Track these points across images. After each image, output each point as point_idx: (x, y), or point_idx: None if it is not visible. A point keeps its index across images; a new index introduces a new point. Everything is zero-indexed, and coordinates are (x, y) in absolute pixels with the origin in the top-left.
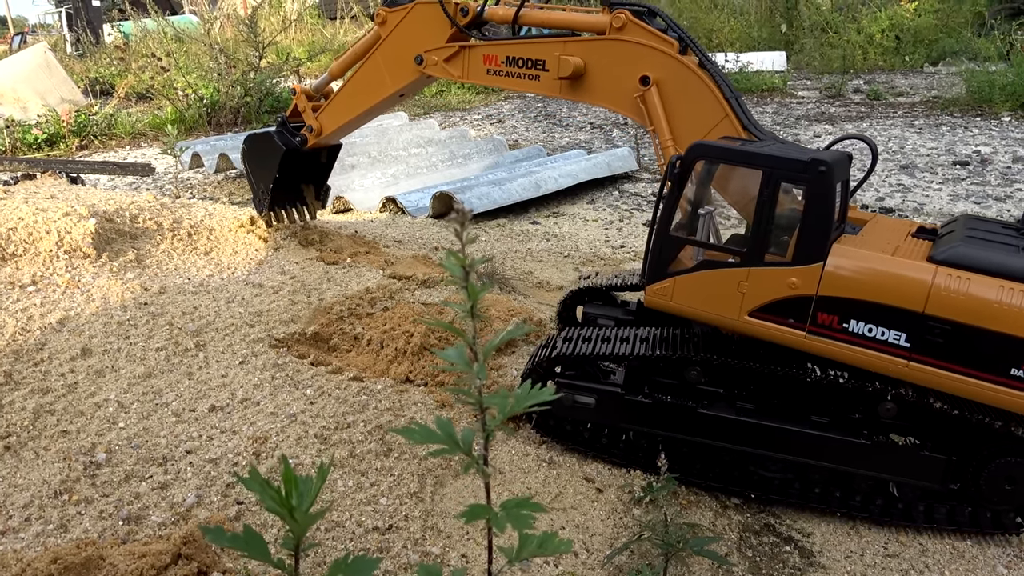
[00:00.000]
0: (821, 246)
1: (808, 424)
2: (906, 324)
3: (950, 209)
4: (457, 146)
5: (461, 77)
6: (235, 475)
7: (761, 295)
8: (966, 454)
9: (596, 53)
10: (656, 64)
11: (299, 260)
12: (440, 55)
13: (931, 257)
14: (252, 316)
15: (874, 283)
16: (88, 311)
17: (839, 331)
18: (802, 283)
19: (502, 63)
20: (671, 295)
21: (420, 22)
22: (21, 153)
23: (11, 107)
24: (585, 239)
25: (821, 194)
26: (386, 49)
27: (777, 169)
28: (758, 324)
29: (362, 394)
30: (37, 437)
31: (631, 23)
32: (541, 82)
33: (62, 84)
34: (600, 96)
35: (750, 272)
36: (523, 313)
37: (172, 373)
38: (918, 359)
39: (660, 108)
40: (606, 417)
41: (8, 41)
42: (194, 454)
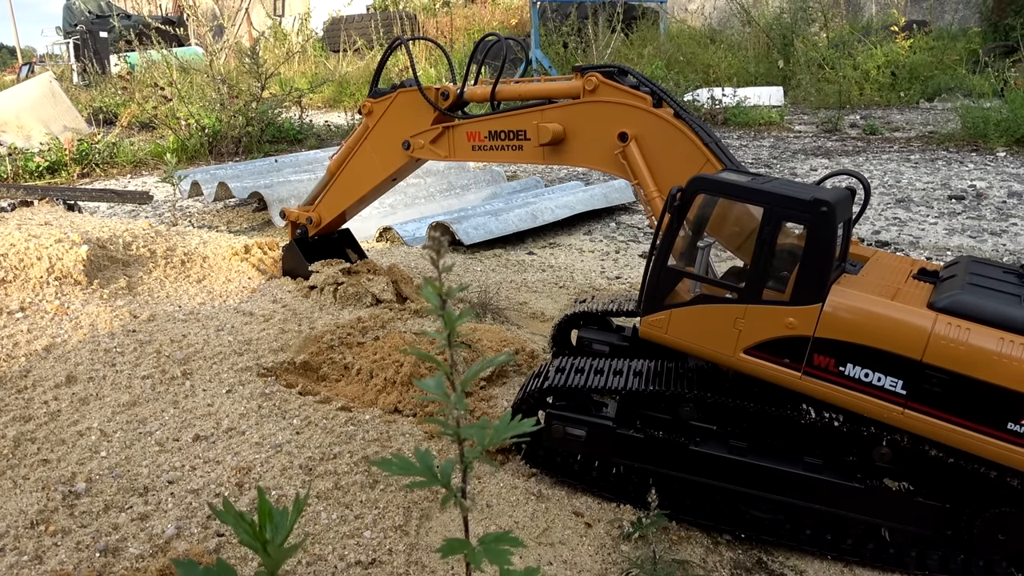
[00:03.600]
0: (820, 286)
1: (801, 465)
2: (903, 371)
3: (946, 243)
4: (455, 176)
5: (448, 157)
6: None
7: (757, 333)
8: (960, 502)
9: (573, 117)
10: (632, 120)
11: (291, 289)
12: (426, 138)
13: (931, 304)
14: (241, 344)
15: (872, 328)
16: (75, 338)
17: (835, 374)
18: (799, 323)
19: (485, 138)
20: (666, 327)
21: (404, 109)
22: (22, 180)
23: (14, 135)
24: (581, 270)
25: (822, 234)
26: (374, 138)
27: (779, 207)
28: (753, 362)
29: (349, 424)
30: (16, 466)
31: (602, 84)
32: (524, 151)
33: (66, 113)
34: (581, 158)
35: (747, 309)
36: (515, 344)
37: (157, 402)
38: (914, 407)
39: (641, 161)
40: (597, 450)
41: (16, 71)
42: (176, 484)
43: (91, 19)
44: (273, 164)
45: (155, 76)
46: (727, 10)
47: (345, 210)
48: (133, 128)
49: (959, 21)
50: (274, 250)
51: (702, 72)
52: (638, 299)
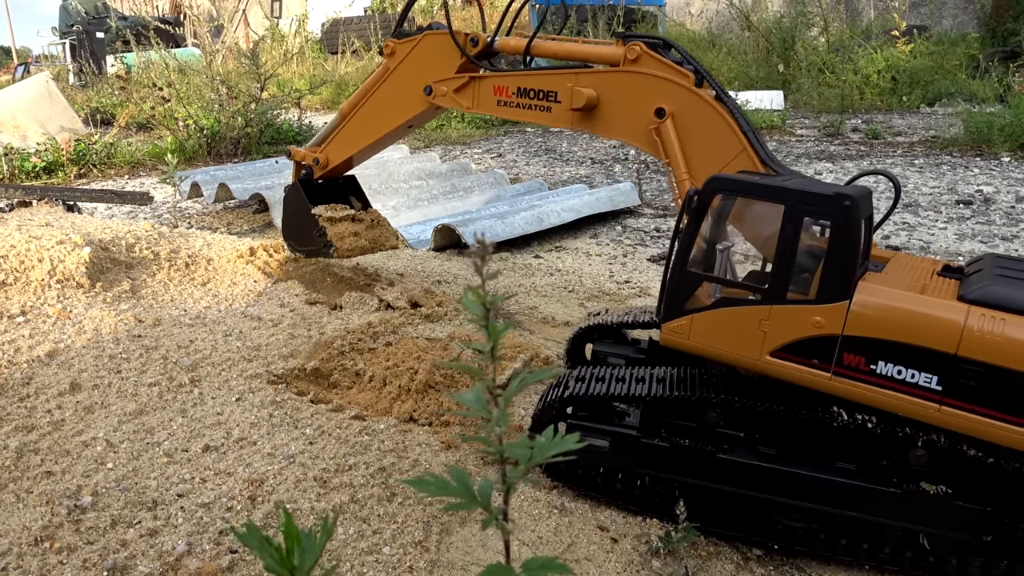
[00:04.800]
0: (847, 284)
1: (834, 471)
2: (937, 366)
3: (957, 248)
4: (458, 179)
5: (471, 108)
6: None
7: (783, 334)
8: (1002, 505)
9: (610, 85)
10: (671, 96)
11: (299, 292)
12: (449, 85)
13: (962, 296)
14: (250, 350)
15: (903, 323)
16: (79, 343)
17: (866, 373)
18: (827, 322)
19: (513, 94)
20: (688, 333)
21: (429, 53)
22: (19, 181)
23: (10, 135)
24: (589, 274)
25: (846, 230)
26: (395, 80)
27: (800, 204)
28: (780, 364)
29: (364, 434)
30: (19, 478)
31: (645, 55)
32: (552, 113)
33: (63, 113)
34: (614, 128)
35: (771, 310)
36: (529, 350)
37: (165, 410)
38: (950, 403)
39: (676, 141)
40: (621, 461)
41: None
42: (186, 498)
43: (87, 20)
44: (274, 165)
45: (152, 77)
46: (727, 14)
47: (354, 154)
48: (131, 129)
49: (957, 26)
50: (279, 252)
51: None
52: (657, 305)
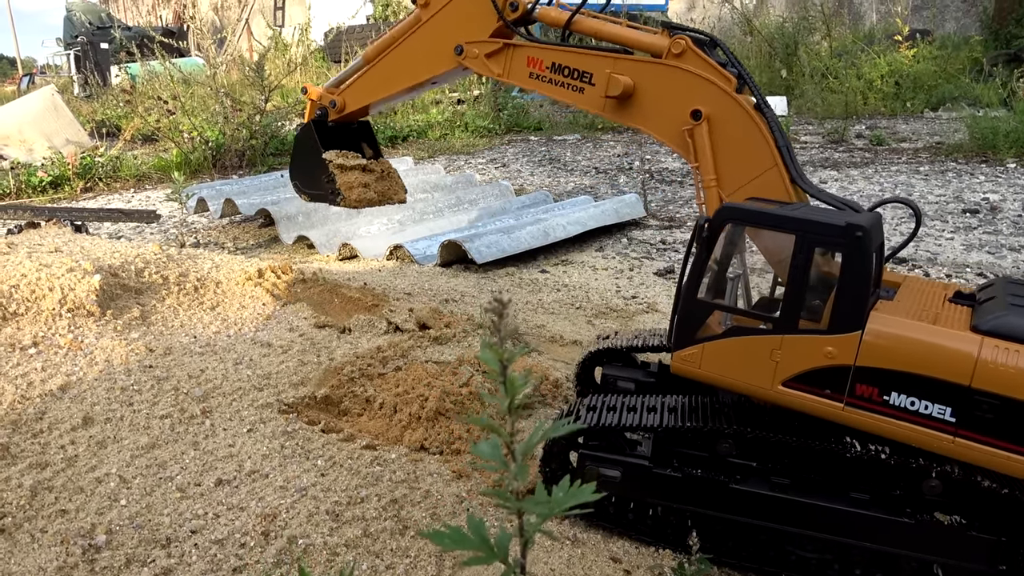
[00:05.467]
0: (859, 314)
1: (847, 501)
2: (951, 398)
3: (964, 259)
4: (463, 191)
5: (501, 76)
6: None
7: (796, 364)
8: (1016, 535)
9: (649, 76)
10: (711, 99)
11: (307, 315)
12: (482, 49)
13: (975, 327)
14: (260, 379)
15: (916, 354)
16: (91, 375)
17: (879, 403)
18: (839, 352)
19: (547, 68)
20: (699, 362)
21: (465, 11)
22: (26, 195)
23: (17, 149)
24: (596, 289)
25: (858, 260)
26: (425, 34)
27: (811, 234)
28: (793, 394)
29: (375, 464)
30: (34, 517)
31: (691, 51)
32: (585, 95)
33: (68, 126)
34: (646, 121)
35: (783, 340)
36: (537, 372)
37: (177, 443)
38: (965, 435)
39: (708, 145)
40: (633, 491)
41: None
42: (199, 534)
43: (91, 31)
44: (279, 179)
45: (157, 88)
46: (729, 19)
47: (372, 103)
48: (136, 141)
49: (960, 29)
50: (288, 273)
51: None
52: (668, 333)
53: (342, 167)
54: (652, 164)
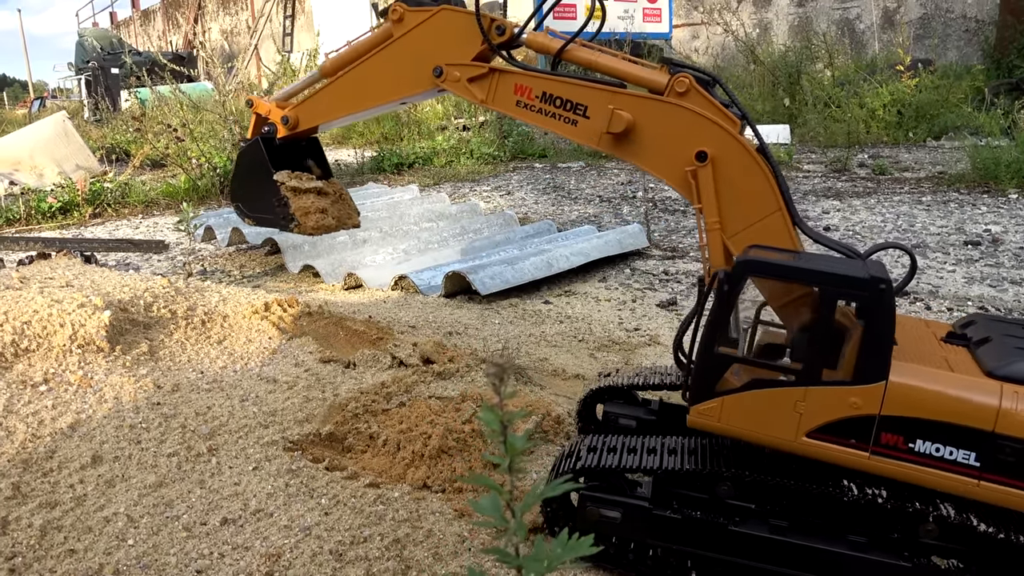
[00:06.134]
0: (884, 364)
1: (845, 544)
2: (975, 443)
3: (966, 293)
4: (468, 221)
5: (484, 102)
6: None
7: (820, 415)
8: None
9: (651, 113)
10: (716, 140)
11: (312, 349)
12: (464, 72)
13: (991, 373)
14: (266, 416)
15: (940, 403)
16: (100, 413)
17: (905, 451)
18: (864, 403)
19: (536, 97)
20: (719, 416)
21: (445, 30)
22: (35, 221)
23: (28, 174)
24: (599, 321)
25: (882, 312)
26: (398, 51)
27: (835, 287)
28: (818, 445)
29: (378, 503)
30: (43, 557)
31: (694, 90)
32: (578, 128)
33: (78, 152)
34: (647, 160)
35: (807, 392)
36: (540, 408)
37: (184, 482)
38: (990, 478)
39: (713, 187)
40: (633, 532)
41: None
42: (204, 574)
43: (103, 56)
44: None
45: (166, 113)
46: (733, 47)
47: (328, 122)
48: (144, 166)
49: (962, 58)
50: (294, 307)
51: None
52: (683, 387)
53: (296, 190)
54: (655, 193)
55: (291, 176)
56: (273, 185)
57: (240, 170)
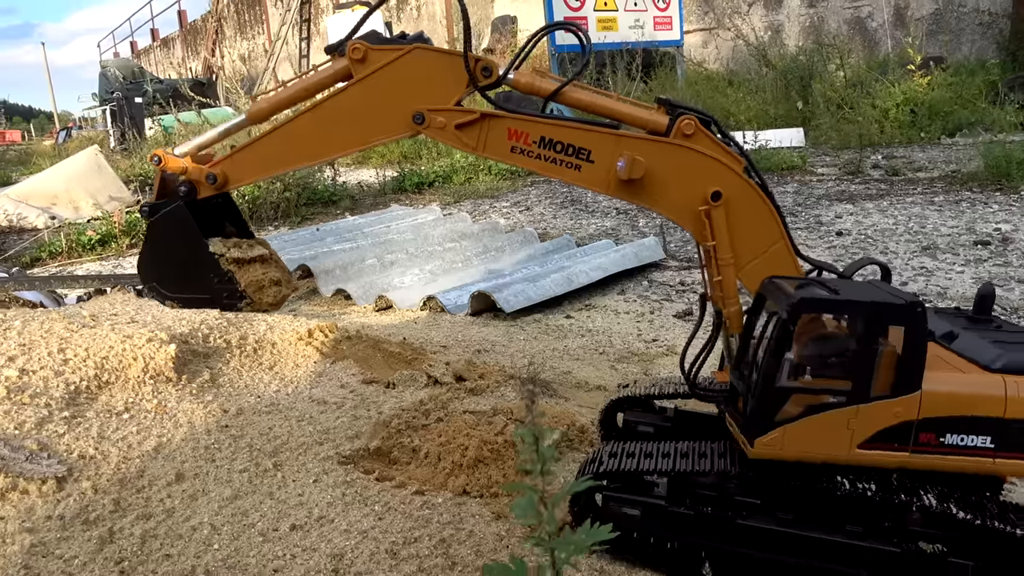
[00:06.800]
0: (919, 376)
1: (842, 534)
2: (990, 429)
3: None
4: (490, 239)
5: (475, 149)
6: None
7: (869, 428)
8: (990, 561)
9: (660, 156)
10: (725, 180)
11: (355, 372)
12: (450, 118)
13: (988, 367)
14: (320, 434)
15: (963, 401)
16: (178, 436)
17: (937, 446)
18: (905, 411)
19: (534, 143)
20: (781, 444)
21: (420, 72)
22: (76, 254)
23: (64, 208)
24: (618, 333)
25: (919, 332)
26: (363, 94)
27: (881, 314)
28: (868, 454)
29: (424, 508)
30: (145, 561)
31: (700, 132)
32: (582, 174)
33: (111, 183)
34: (656, 202)
35: (858, 410)
36: (565, 420)
37: (255, 494)
38: (1002, 456)
39: (726, 225)
40: (652, 528)
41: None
42: (281, 572)
43: (125, 85)
44: (314, 234)
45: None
46: (744, 51)
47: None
48: None
49: (976, 52)
50: (334, 332)
51: (721, 117)
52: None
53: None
54: None
55: (228, 245)
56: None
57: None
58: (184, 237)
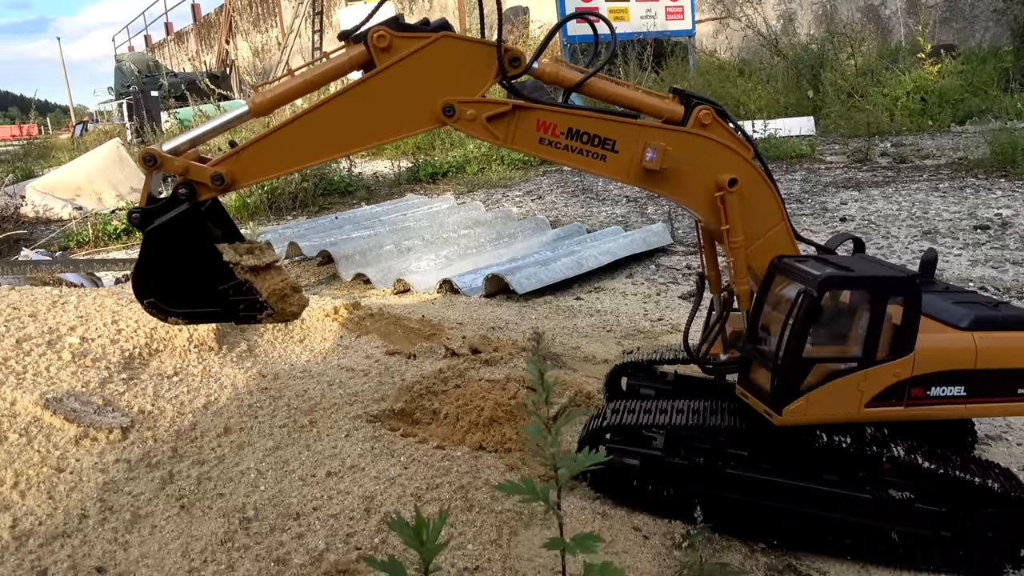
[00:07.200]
0: (914, 340)
1: (820, 481)
2: (964, 379)
3: (968, 275)
4: (502, 226)
5: (503, 141)
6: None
7: (874, 388)
8: (954, 506)
9: (682, 146)
10: (739, 167)
11: (378, 344)
12: (481, 110)
13: (956, 327)
14: (350, 396)
15: (945, 357)
16: (224, 396)
17: (924, 398)
18: (902, 371)
19: (562, 134)
20: (805, 410)
21: (448, 61)
22: (102, 243)
23: (88, 199)
24: (625, 313)
25: (916, 302)
26: (387, 84)
27: (888, 287)
28: (873, 412)
29: (445, 460)
30: (202, 499)
31: (716, 122)
32: (607, 163)
33: (132, 175)
34: (675, 190)
35: (866, 373)
36: (573, 386)
37: (294, 446)
38: (972, 401)
39: (739, 210)
40: (650, 477)
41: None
42: (319, 510)
43: (141, 79)
44: (333, 221)
45: None
46: (756, 40)
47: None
48: None
49: (990, 39)
50: (358, 309)
51: (732, 106)
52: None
53: (256, 269)
54: None
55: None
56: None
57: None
58: (192, 246)
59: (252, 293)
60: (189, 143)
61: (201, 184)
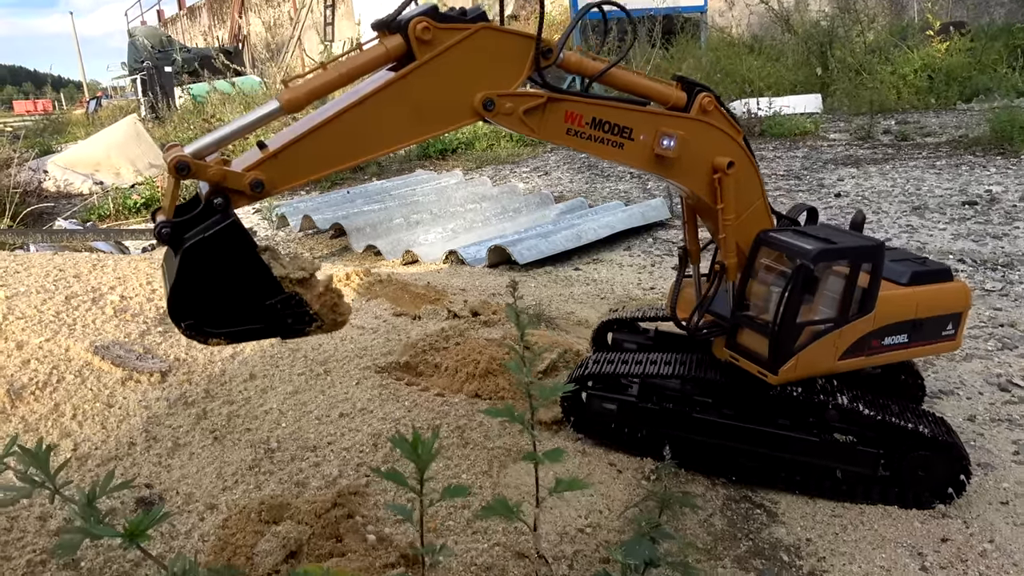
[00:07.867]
0: (875, 299)
1: (774, 425)
2: (908, 328)
3: (949, 248)
4: (508, 201)
5: (533, 133)
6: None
7: (845, 343)
8: (890, 449)
9: (691, 132)
10: (734, 150)
11: (387, 307)
12: (519, 103)
13: (898, 282)
14: (360, 350)
15: (897, 310)
16: (248, 348)
17: (880, 347)
18: (867, 326)
19: (587, 124)
20: (795, 368)
21: (486, 53)
22: (123, 216)
23: (107, 174)
24: (620, 283)
25: (880, 265)
26: (434, 79)
27: (864, 255)
28: (844, 363)
29: (444, 405)
30: (232, 432)
31: (716, 110)
32: (624, 151)
33: (149, 150)
34: (682, 175)
35: (841, 331)
36: (564, 345)
37: (311, 391)
38: (912, 346)
39: (733, 190)
40: (625, 420)
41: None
42: (333, 444)
43: (154, 54)
44: (345, 196)
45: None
46: (767, 15)
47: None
48: None
49: (1005, 15)
50: (368, 276)
51: (739, 84)
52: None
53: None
54: None
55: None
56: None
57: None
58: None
59: (302, 306)
60: (216, 144)
61: (238, 192)
